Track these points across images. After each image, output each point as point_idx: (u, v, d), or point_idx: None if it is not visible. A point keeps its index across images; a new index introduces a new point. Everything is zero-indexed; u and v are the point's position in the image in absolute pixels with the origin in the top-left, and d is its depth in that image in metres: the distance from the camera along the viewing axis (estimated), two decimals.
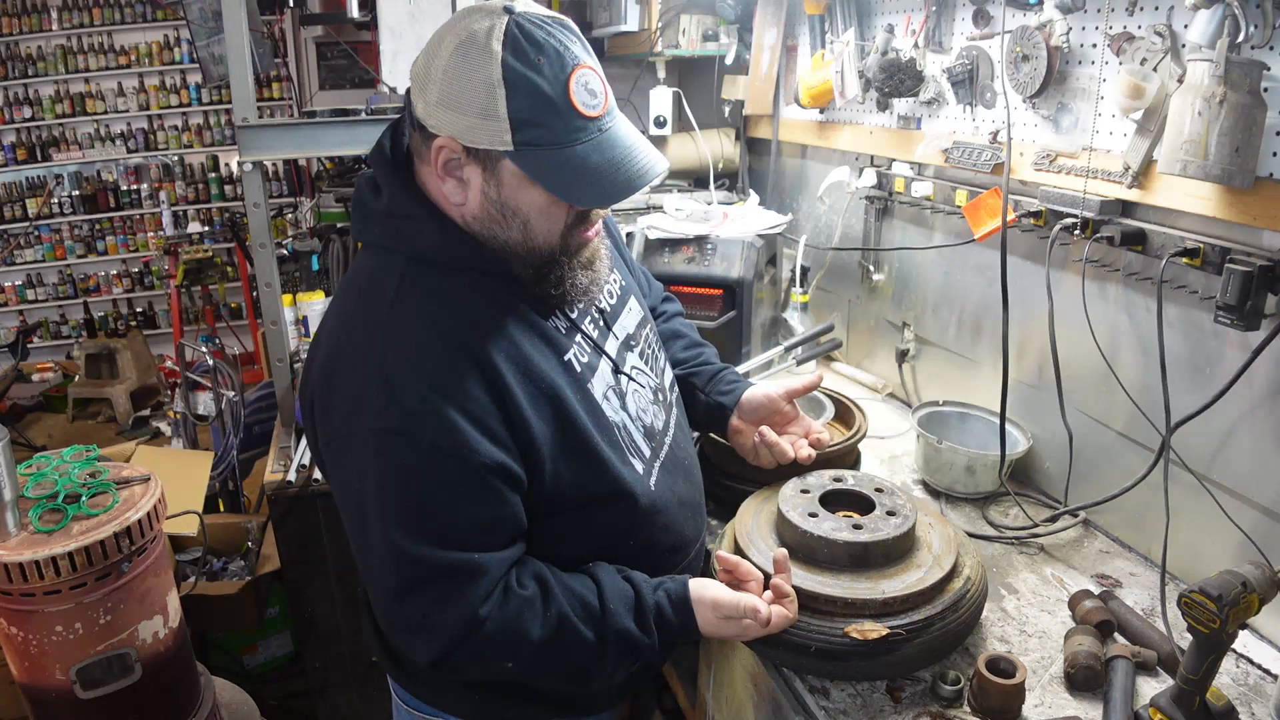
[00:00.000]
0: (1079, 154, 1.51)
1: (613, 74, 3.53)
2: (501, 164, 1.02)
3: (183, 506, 2.48)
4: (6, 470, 1.47)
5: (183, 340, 4.38)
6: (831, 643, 1.16)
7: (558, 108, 0.98)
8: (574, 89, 0.98)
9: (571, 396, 1.11)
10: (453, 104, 0.99)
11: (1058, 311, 1.56)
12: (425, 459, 1.00)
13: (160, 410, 5.41)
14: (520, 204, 1.05)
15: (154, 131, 6.17)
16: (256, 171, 2.20)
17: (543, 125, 0.98)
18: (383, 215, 1.11)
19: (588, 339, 1.20)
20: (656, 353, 1.37)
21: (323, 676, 2.49)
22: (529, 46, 0.97)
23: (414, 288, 1.07)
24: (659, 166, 1.07)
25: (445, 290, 1.08)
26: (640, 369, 1.29)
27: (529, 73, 0.96)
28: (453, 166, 1.04)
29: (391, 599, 1.06)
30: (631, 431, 1.21)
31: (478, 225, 1.08)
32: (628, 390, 1.23)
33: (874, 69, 1.93)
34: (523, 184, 1.03)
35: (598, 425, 1.13)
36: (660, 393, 1.33)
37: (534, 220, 1.07)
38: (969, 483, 1.71)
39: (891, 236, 2.21)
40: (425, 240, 1.09)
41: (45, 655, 1.51)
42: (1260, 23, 1.16)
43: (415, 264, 1.09)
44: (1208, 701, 1.06)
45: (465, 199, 1.06)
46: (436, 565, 1.02)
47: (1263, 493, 1.30)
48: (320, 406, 1.09)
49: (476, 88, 0.97)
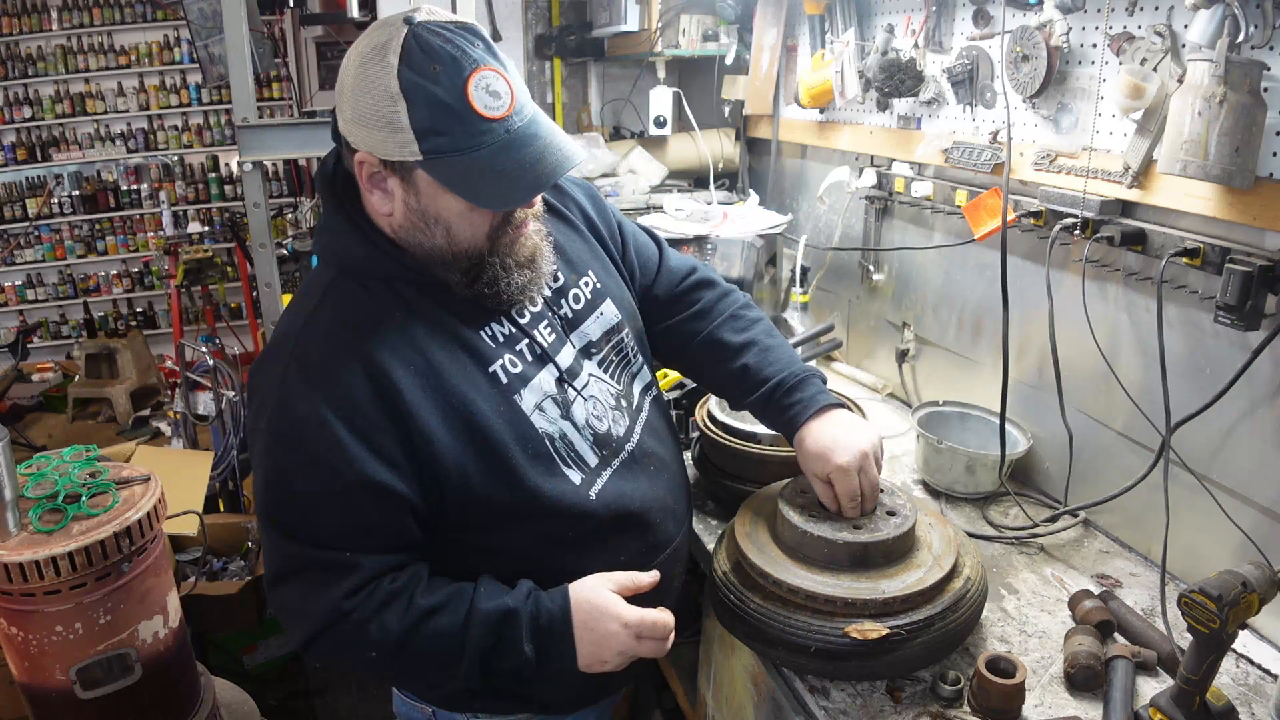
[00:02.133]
0: (1079, 154, 1.51)
1: (613, 74, 3.54)
2: (416, 174, 1.05)
3: (183, 506, 2.47)
4: (6, 470, 1.47)
5: (183, 340, 4.38)
6: (831, 643, 1.16)
7: (458, 114, 0.99)
8: (473, 93, 0.99)
9: (487, 409, 1.11)
10: (363, 120, 1.02)
11: (1058, 311, 1.56)
12: (305, 465, 1.05)
13: (160, 410, 5.39)
14: (440, 211, 1.07)
15: (154, 131, 6.16)
16: (256, 171, 2.20)
17: (446, 133, 1.00)
18: (321, 231, 1.18)
19: (535, 346, 1.19)
20: (629, 358, 1.35)
21: (323, 676, 2.50)
22: (423, 56, 0.98)
23: (333, 301, 1.12)
24: (571, 161, 1.07)
25: (363, 305, 1.11)
26: (598, 376, 1.27)
27: (425, 82, 0.98)
28: (376, 179, 1.07)
29: (270, 584, 1.12)
30: (573, 440, 1.19)
31: (405, 234, 1.11)
32: (575, 399, 1.21)
33: (874, 69, 1.93)
34: (438, 191, 1.05)
35: (518, 436, 1.13)
36: (625, 399, 1.30)
37: (455, 226, 1.09)
38: (969, 483, 1.71)
39: (891, 236, 2.21)
40: (350, 253, 1.13)
41: (45, 655, 1.51)
42: (1260, 23, 1.16)
43: (341, 277, 1.14)
44: (1208, 701, 1.06)
45: (392, 209, 1.09)
46: (307, 559, 1.08)
47: (1263, 493, 1.30)
48: (246, 403, 1.19)
49: (380, 102, 1.00)
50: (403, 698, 1.34)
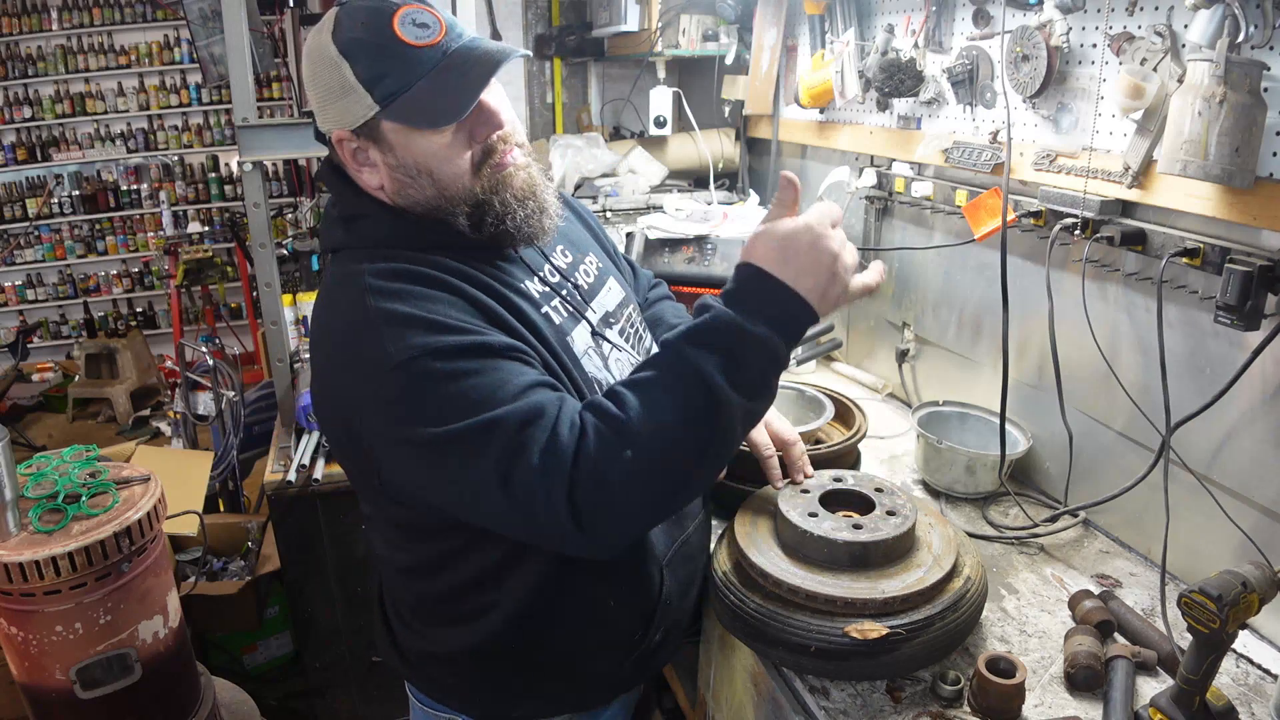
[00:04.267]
0: (1079, 154, 1.51)
1: (613, 74, 3.54)
2: (382, 128, 1.07)
3: (183, 506, 2.48)
4: (6, 470, 1.47)
5: (183, 340, 4.39)
6: (831, 643, 1.16)
7: (392, 51, 1.04)
8: (400, 28, 1.04)
9: (553, 340, 1.13)
10: (324, 99, 1.07)
11: (1058, 311, 1.56)
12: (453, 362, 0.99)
13: (160, 410, 5.40)
14: (416, 157, 1.09)
15: (154, 131, 6.16)
16: (256, 171, 2.20)
17: (389, 74, 1.04)
18: (340, 220, 1.18)
19: (566, 303, 1.21)
20: (641, 334, 1.38)
21: (323, 676, 2.49)
22: (348, 17, 1.05)
23: (383, 263, 1.09)
24: (505, 53, 1.08)
25: (411, 265, 1.10)
26: (621, 345, 1.29)
27: (356, 35, 1.04)
28: (359, 155, 1.10)
29: (500, 488, 0.96)
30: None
31: (402, 199, 1.12)
32: (610, 354, 1.23)
33: (874, 69, 1.93)
34: (406, 135, 1.07)
35: (579, 374, 1.15)
36: None
37: (437, 169, 1.09)
38: (969, 483, 1.71)
39: (891, 236, 2.21)
40: (379, 232, 1.14)
41: (45, 655, 1.51)
42: (1260, 23, 1.16)
43: (378, 250, 1.13)
44: (1208, 701, 1.06)
45: (381, 180, 1.11)
46: (509, 423, 0.96)
47: (1263, 493, 1.30)
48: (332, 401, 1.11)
49: (329, 73, 1.05)
50: (425, 710, 1.30)
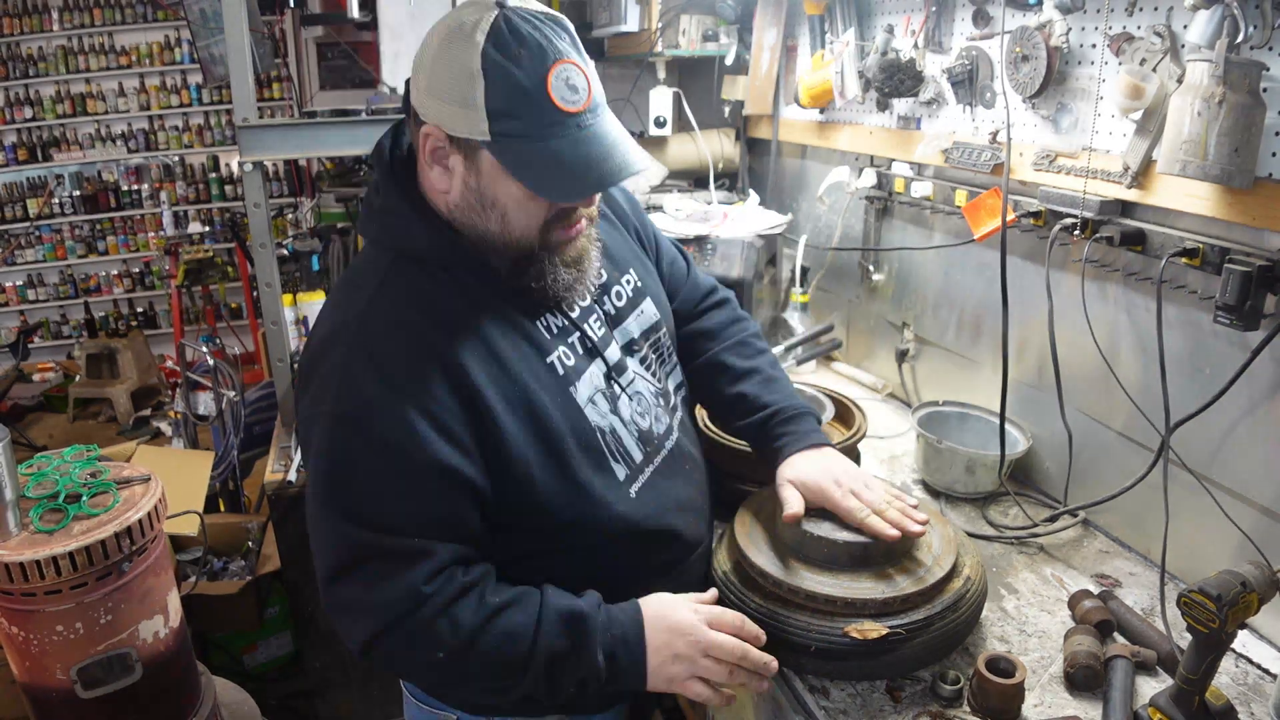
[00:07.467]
0: (1079, 154, 1.51)
1: (612, 74, 3.54)
2: (480, 154, 1.04)
3: (183, 506, 2.48)
4: (7, 470, 1.47)
5: (183, 340, 4.39)
6: (831, 642, 1.16)
7: (534, 100, 0.99)
8: (553, 83, 0.99)
9: (546, 399, 1.11)
10: (438, 92, 1.02)
11: (1057, 311, 1.56)
12: (374, 447, 1.02)
13: (161, 410, 5.41)
14: (498, 195, 1.07)
15: (154, 132, 6.17)
16: (257, 172, 2.20)
17: (518, 117, 1.00)
18: (378, 212, 1.15)
19: (585, 340, 1.20)
20: (666, 356, 1.37)
21: (323, 676, 2.50)
22: (511, 39, 0.98)
23: (395, 284, 1.10)
24: (636, 166, 1.07)
25: (426, 289, 1.10)
26: (640, 374, 1.28)
27: (507, 64, 0.98)
28: (440, 154, 1.07)
29: (329, 579, 1.05)
30: (621, 435, 1.20)
31: (460, 214, 1.11)
32: (621, 395, 1.23)
33: (874, 69, 1.93)
34: (500, 175, 1.05)
35: (574, 428, 1.13)
36: (663, 397, 1.32)
37: (511, 212, 1.08)
38: (969, 482, 1.71)
39: (891, 236, 2.21)
40: (413, 237, 1.12)
41: (46, 655, 1.51)
42: (1259, 23, 1.16)
43: (402, 260, 1.12)
44: (1207, 701, 1.06)
45: (449, 187, 1.09)
46: (375, 547, 1.02)
47: (1262, 493, 1.30)
48: (299, 390, 1.13)
49: (458, 77, 0.99)
50: (419, 705, 1.30)
